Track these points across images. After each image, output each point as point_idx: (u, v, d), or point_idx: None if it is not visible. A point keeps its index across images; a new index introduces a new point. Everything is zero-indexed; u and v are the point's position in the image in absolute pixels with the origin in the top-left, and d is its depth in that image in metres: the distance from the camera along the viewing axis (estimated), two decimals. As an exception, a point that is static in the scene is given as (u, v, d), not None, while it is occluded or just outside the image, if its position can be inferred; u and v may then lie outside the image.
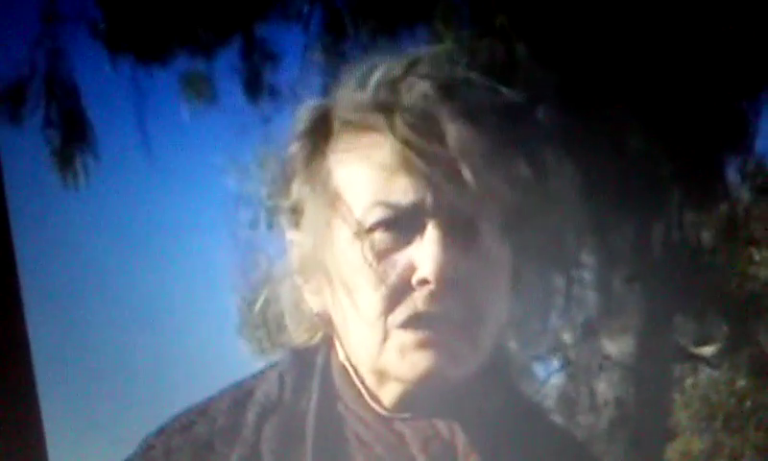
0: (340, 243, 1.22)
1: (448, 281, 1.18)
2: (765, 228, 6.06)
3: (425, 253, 1.19)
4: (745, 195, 6.01)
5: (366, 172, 1.22)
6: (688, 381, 9.65)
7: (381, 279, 1.20)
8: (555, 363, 6.30)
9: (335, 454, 1.23)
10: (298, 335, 1.41)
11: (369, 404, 1.24)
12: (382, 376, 1.23)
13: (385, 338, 1.21)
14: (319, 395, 1.26)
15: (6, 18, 4.54)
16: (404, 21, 4.61)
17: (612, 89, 4.64)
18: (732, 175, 5.66)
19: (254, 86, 5.22)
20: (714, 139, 5.14)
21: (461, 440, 1.21)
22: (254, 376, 1.33)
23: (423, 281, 1.18)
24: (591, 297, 5.18)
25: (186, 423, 1.30)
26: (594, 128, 4.27)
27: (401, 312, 1.20)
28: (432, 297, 1.18)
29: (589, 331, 5.38)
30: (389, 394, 1.23)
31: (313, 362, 1.31)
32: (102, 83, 4.85)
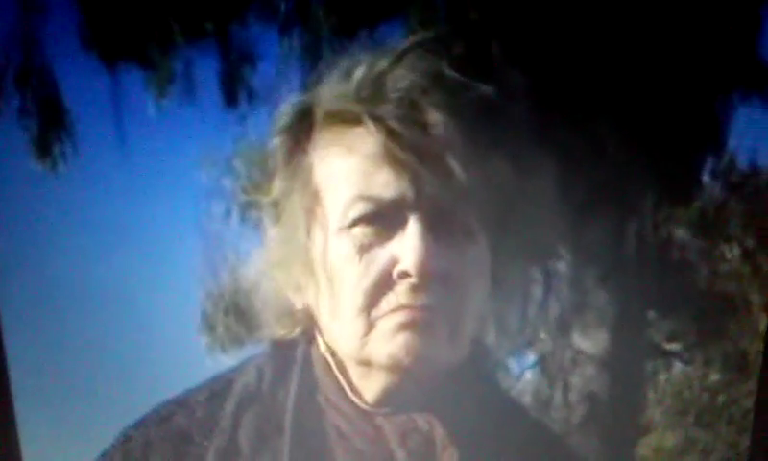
0: (322, 238, 1.23)
1: (430, 274, 1.19)
2: (737, 225, 6.09)
3: (407, 246, 1.20)
4: (717, 193, 6.04)
5: (348, 166, 1.22)
6: (662, 377, 9.68)
7: (363, 272, 1.20)
8: (529, 358, 6.31)
9: (314, 446, 1.24)
10: (275, 330, 1.41)
11: (349, 398, 1.24)
12: (365, 367, 1.23)
13: (368, 330, 1.21)
14: (298, 387, 1.26)
15: None
16: (380, 18, 4.62)
17: (586, 88, 4.65)
18: (705, 173, 5.72)
19: (231, 87, 5.21)
20: (688, 138, 5.16)
21: (439, 433, 1.21)
22: (233, 369, 1.32)
23: (405, 274, 1.19)
24: (566, 293, 5.20)
25: (165, 414, 1.29)
26: (568, 126, 4.28)
27: (384, 305, 1.20)
28: (414, 290, 1.19)
29: (564, 327, 5.39)
30: (370, 387, 1.23)
31: (293, 355, 1.30)
32: (78, 72, 4.81)
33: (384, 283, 1.20)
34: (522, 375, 6.45)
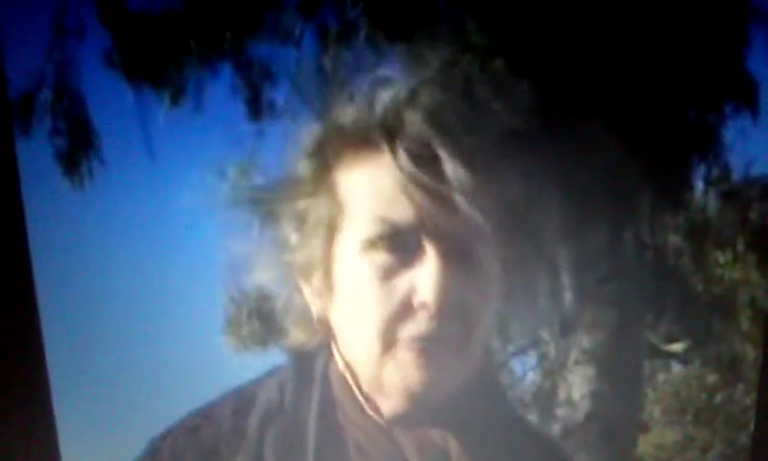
0: (344, 254, 1.24)
1: (447, 305, 1.19)
2: (729, 232, 6.11)
3: (426, 278, 1.20)
4: (711, 201, 6.06)
5: (370, 187, 1.23)
6: (661, 377, 9.70)
7: (384, 298, 1.21)
8: (532, 359, 6.33)
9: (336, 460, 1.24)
10: (295, 336, 1.42)
11: (367, 413, 1.25)
12: (380, 387, 1.23)
13: (384, 353, 1.22)
14: (319, 404, 1.27)
15: (16, 32, 4.58)
16: (389, 38, 4.66)
17: (584, 97, 4.66)
18: (699, 182, 5.74)
19: (253, 104, 5.27)
20: (682, 148, 5.18)
21: (454, 446, 1.22)
22: (255, 383, 1.33)
23: (423, 305, 1.19)
24: (567, 296, 5.21)
25: (191, 426, 1.30)
26: (567, 135, 4.29)
27: (402, 331, 1.20)
28: (431, 319, 1.19)
29: (566, 329, 5.40)
30: (386, 404, 1.23)
31: (312, 370, 1.31)
32: (106, 89, 4.90)
33: (403, 311, 1.20)
34: (525, 375, 6.48)
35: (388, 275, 1.21)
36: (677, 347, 6.84)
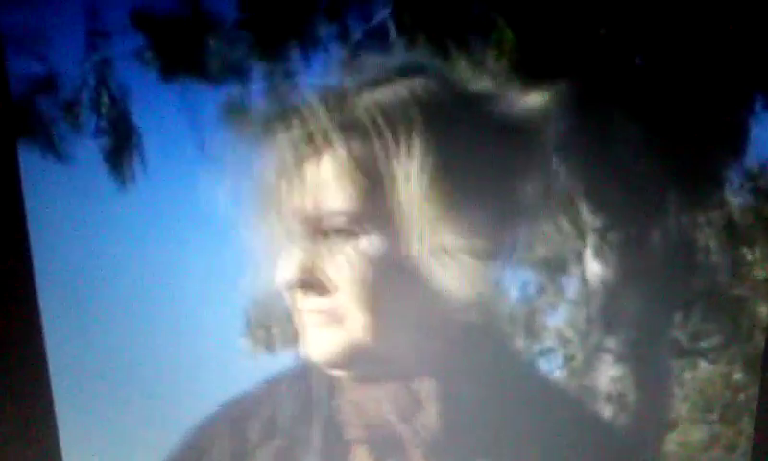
0: None
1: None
2: (759, 230, 5.99)
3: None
4: (739, 199, 5.95)
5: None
6: (687, 375, 9.57)
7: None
8: (559, 359, 6.26)
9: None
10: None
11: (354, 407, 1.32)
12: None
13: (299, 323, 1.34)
14: (321, 422, 1.34)
15: (55, 35, 4.56)
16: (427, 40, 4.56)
17: (612, 93, 4.59)
18: (729, 179, 5.62)
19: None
20: (712, 144, 5.08)
21: (426, 390, 1.27)
22: (255, 391, 1.43)
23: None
24: (594, 295, 5.16)
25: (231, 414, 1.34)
26: (594, 131, 4.24)
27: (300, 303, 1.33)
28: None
29: (593, 328, 5.34)
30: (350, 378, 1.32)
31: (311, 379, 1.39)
32: (146, 90, 4.85)
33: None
34: (552, 374, 6.39)
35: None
36: (705, 345, 6.73)
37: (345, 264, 1.28)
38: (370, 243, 1.29)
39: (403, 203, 1.28)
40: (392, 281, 1.37)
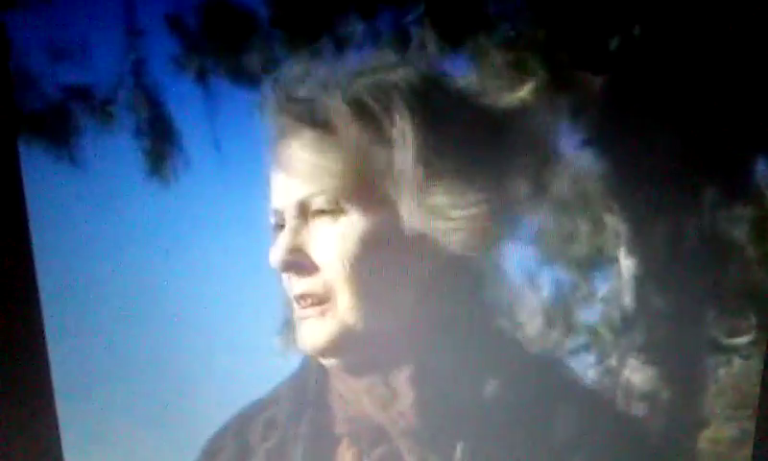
0: None
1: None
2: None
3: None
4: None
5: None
6: (721, 371, 9.48)
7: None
8: (591, 358, 6.23)
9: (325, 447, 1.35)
10: None
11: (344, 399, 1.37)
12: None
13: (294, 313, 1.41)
14: (310, 421, 1.40)
15: (92, 36, 4.59)
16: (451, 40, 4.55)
17: (644, 89, 4.57)
18: (762, 173, 5.57)
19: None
20: (745, 138, 5.04)
21: (402, 381, 1.30)
22: (264, 396, 1.50)
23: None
24: (628, 292, 5.13)
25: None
26: (626, 127, 4.22)
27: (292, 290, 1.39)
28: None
29: (625, 326, 5.32)
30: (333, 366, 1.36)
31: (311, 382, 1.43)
32: (180, 89, 4.88)
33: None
34: (585, 373, 6.36)
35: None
36: (740, 341, 6.67)
37: (328, 244, 1.31)
38: (351, 223, 1.31)
39: (396, 164, 1.29)
40: (376, 260, 1.40)
